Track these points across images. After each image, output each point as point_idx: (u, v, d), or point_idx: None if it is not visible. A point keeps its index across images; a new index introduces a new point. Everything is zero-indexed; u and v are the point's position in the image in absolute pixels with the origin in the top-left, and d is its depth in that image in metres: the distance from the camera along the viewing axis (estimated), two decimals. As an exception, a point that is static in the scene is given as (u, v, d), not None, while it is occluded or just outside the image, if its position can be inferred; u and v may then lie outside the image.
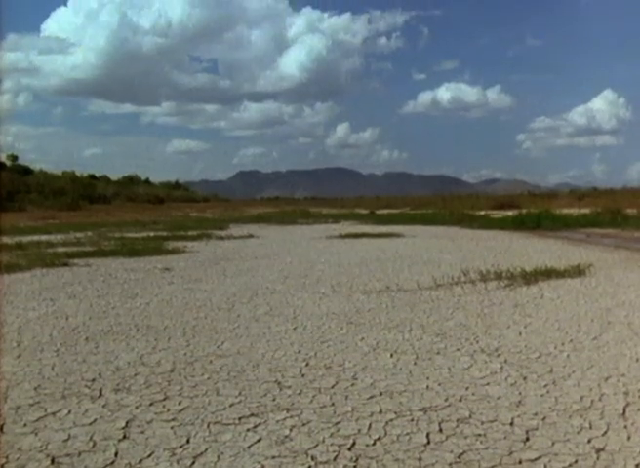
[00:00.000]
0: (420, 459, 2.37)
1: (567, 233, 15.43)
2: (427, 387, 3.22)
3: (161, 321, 5.07)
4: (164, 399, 3.09)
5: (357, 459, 2.38)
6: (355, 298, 6.03)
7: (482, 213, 25.38)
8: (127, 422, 2.78)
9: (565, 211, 22.56)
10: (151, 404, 3.02)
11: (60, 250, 11.43)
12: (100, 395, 3.17)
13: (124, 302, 6.00)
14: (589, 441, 2.51)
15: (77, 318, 5.24)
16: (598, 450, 2.42)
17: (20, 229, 18.59)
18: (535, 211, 20.42)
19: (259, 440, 2.57)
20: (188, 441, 2.57)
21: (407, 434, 2.60)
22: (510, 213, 22.60)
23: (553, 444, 2.48)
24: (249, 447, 2.50)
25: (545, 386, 3.20)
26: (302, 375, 3.48)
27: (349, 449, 2.47)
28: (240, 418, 2.81)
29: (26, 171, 52.65)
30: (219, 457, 2.41)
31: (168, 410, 2.92)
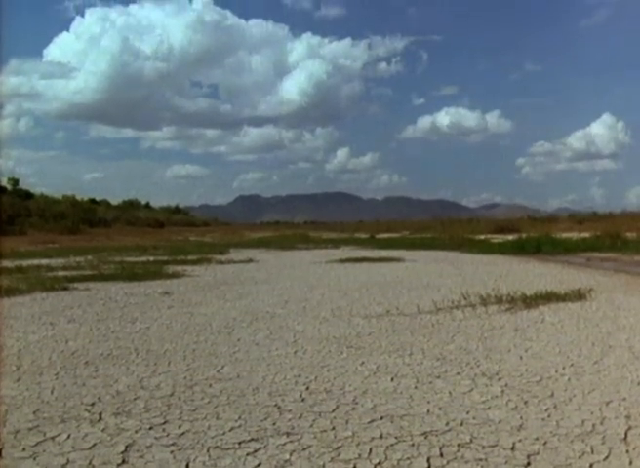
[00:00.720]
0: (421, 484, 2.36)
1: (567, 257, 15.44)
2: (428, 411, 3.21)
3: (161, 345, 5.06)
4: (164, 423, 3.08)
5: (358, 484, 2.37)
6: (355, 322, 6.02)
7: (482, 237, 25.43)
8: (126, 447, 2.76)
9: (565, 235, 22.62)
10: (151, 428, 3.01)
11: (61, 273, 11.44)
12: (100, 419, 3.15)
13: (124, 326, 5.99)
14: (591, 466, 2.49)
15: (77, 342, 5.23)
16: (600, 475, 2.41)
17: (20, 253, 18.63)
18: (535, 235, 20.50)
19: (258, 465, 2.55)
20: (188, 466, 2.55)
21: (408, 459, 2.59)
22: (510, 237, 22.66)
23: (555, 468, 2.47)
24: (249, 471, 2.48)
25: (547, 410, 3.18)
26: (303, 399, 3.46)
27: (350, 474, 2.45)
28: (240, 443, 2.79)
29: (27, 195, 52.80)
30: (218, 482, 2.40)
31: (167, 435, 2.91)
